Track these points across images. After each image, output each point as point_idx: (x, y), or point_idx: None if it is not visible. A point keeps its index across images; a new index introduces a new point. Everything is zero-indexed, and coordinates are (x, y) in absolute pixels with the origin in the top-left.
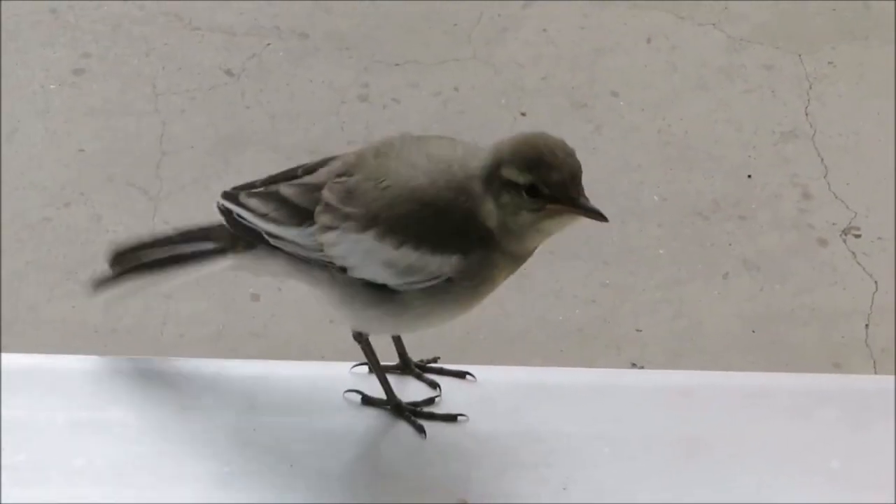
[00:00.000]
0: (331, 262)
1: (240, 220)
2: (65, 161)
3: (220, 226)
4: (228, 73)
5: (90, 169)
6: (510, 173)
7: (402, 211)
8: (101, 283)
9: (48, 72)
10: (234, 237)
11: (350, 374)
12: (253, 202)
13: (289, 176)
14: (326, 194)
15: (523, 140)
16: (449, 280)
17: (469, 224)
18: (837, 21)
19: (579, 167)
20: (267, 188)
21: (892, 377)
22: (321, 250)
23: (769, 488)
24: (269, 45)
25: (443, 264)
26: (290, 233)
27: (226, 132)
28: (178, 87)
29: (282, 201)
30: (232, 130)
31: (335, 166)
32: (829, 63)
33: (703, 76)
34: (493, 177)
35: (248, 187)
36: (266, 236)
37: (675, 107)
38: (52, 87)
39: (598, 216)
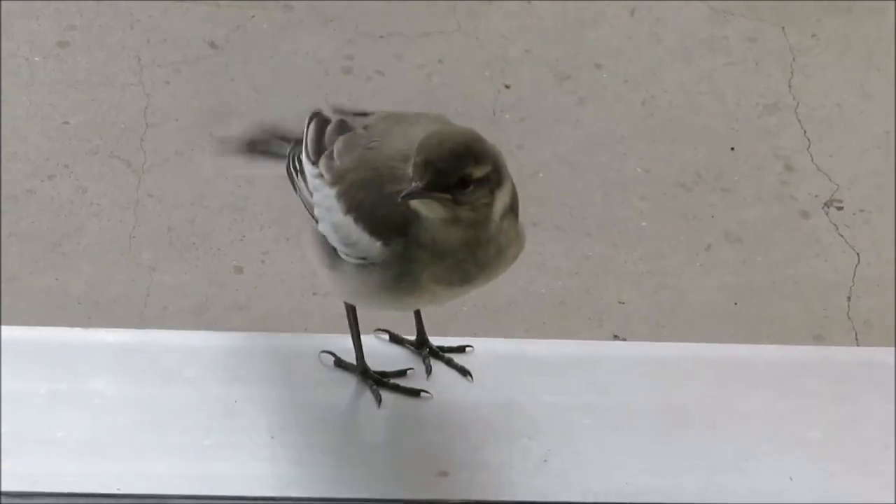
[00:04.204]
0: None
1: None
2: (49, 133)
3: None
4: (212, 45)
5: (74, 141)
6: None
7: (360, 175)
8: (246, 147)
9: (33, 44)
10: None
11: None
12: (312, 127)
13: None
14: (339, 141)
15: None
16: (374, 264)
17: (396, 208)
18: None
19: (438, 156)
20: (326, 119)
21: (874, 349)
22: (312, 194)
23: (750, 459)
24: (253, 17)
25: (369, 246)
26: (307, 166)
27: (210, 104)
28: (162, 59)
29: (320, 135)
30: (216, 103)
31: (372, 118)
32: (813, 35)
33: (686, 48)
34: None
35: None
36: (295, 166)
37: (659, 79)
38: (36, 59)
39: (405, 204)
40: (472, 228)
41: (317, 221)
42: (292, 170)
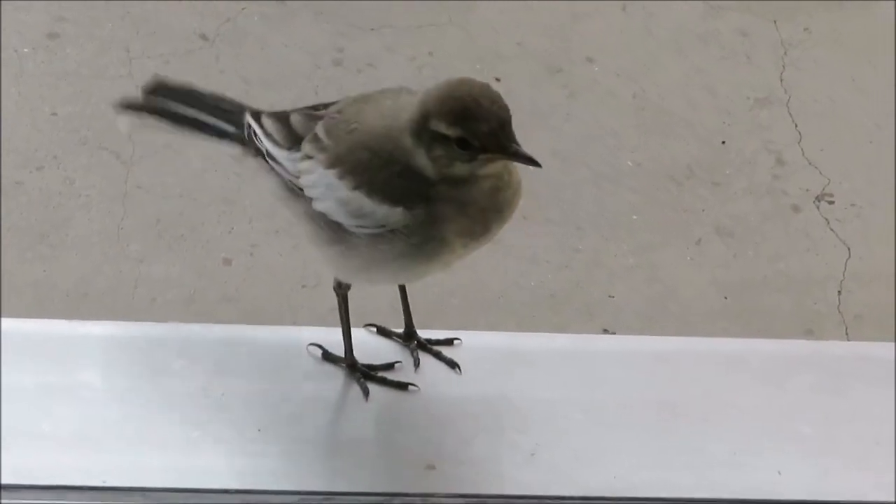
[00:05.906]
0: (302, 191)
1: (253, 136)
2: (38, 125)
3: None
4: (203, 37)
5: (63, 132)
6: (439, 126)
7: (358, 157)
8: (127, 106)
9: (22, 35)
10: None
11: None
12: (267, 122)
13: (317, 107)
14: (319, 126)
15: (448, 91)
16: (393, 232)
17: (414, 177)
18: None
19: (507, 113)
20: (283, 112)
21: (865, 344)
22: (298, 176)
23: (741, 453)
24: (244, 9)
25: (389, 214)
26: (281, 154)
27: None
28: (152, 51)
29: (286, 125)
30: None
31: (340, 103)
32: (805, 29)
33: (678, 42)
34: (422, 130)
35: (278, 112)
36: (265, 156)
37: (650, 72)
38: (25, 50)
39: (531, 162)
40: (501, 172)
41: (304, 198)
42: (261, 153)
